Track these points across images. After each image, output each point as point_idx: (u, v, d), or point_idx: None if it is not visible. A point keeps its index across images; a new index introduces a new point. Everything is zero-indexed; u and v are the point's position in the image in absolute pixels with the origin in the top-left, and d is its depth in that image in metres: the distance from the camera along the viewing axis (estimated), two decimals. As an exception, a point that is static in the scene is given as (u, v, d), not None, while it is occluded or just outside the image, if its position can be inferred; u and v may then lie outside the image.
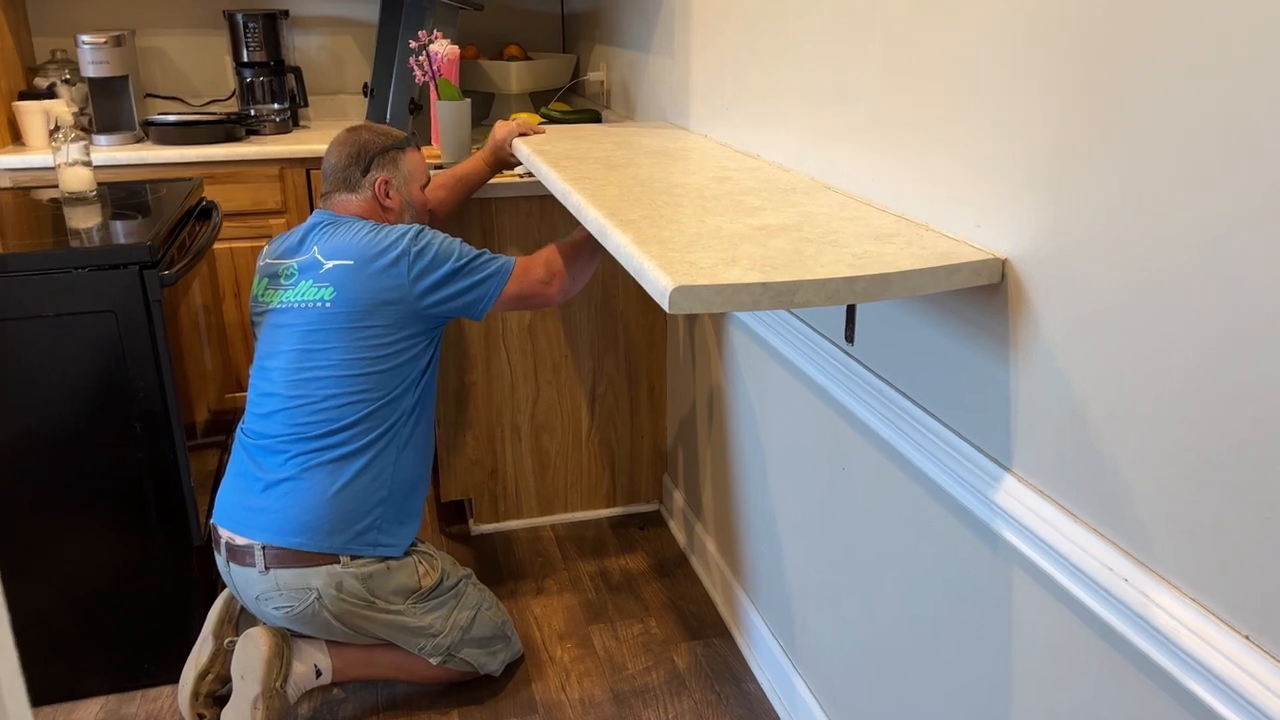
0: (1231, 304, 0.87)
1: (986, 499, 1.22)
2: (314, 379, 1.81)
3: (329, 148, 1.97)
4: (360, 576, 1.81)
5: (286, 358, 1.83)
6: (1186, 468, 0.93)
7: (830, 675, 1.76)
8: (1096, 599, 1.05)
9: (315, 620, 1.82)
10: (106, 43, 2.91)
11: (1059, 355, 1.09)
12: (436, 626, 1.91)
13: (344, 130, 1.99)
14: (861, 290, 1.12)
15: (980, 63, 1.18)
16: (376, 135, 1.96)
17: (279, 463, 1.81)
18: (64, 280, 1.81)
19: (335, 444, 1.80)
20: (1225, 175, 0.86)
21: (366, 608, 1.83)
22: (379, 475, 1.84)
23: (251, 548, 1.79)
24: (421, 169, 2.01)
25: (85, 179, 2.22)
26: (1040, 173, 1.09)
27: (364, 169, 1.93)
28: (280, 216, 2.95)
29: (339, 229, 1.87)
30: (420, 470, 1.93)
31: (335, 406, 1.80)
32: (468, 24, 3.39)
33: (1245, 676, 0.88)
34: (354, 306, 1.80)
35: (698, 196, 1.51)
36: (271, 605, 1.81)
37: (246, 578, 1.82)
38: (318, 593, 1.79)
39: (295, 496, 1.79)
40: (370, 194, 1.94)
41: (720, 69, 2.06)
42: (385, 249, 1.81)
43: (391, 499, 1.86)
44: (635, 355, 2.56)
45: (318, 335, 1.81)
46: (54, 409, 1.85)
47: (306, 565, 1.79)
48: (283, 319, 1.85)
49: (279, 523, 1.79)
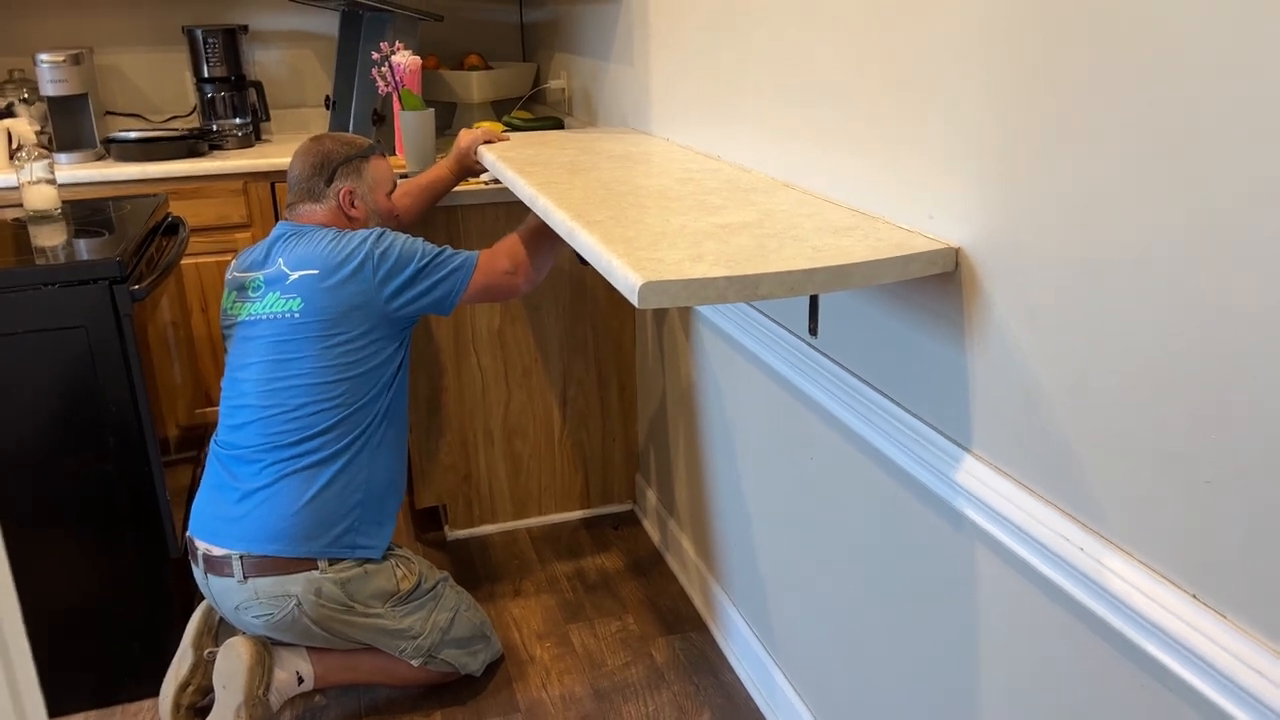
0: (1170, 289, 0.92)
1: (948, 479, 1.27)
2: (286, 388, 1.82)
3: (292, 159, 1.98)
4: (339, 581, 1.83)
5: (258, 369, 1.85)
6: (1133, 441, 0.99)
7: (805, 660, 1.80)
8: (1053, 568, 1.10)
9: (295, 627, 1.84)
10: (65, 61, 2.91)
11: (1012, 339, 1.15)
12: (416, 628, 1.93)
13: (307, 140, 2.00)
14: (821, 281, 1.16)
15: (931, 64, 1.23)
16: (340, 145, 1.98)
17: (254, 472, 1.83)
18: (33, 297, 1.81)
19: (309, 450, 1.82)
20: (1165, 166, 0.92)
21: (346, 612, 1.85)
22: (354, 479, 1.86)
23: (229, 558, 1.81)
24: (387, 176, 2.03)
25: (50, 197, 2.22)
26: (989, 166, 1.14)
27: (327, 179, 1.94)
28: (245, 230, 2.95)
29: (302, 239, 1.88)
30: (395, 472, 1.95)
31: (309, 414, 1.82)
32: (428, 35, 3.41)
33: (1193, 632, 0.93)
34: (322, 315, 1.82)
35: (661, 197, 1.55)
36: (251, 614, 1.83)
37: (225, 588, 1.83)
38: (297, 599, 1.81)
39: (271, 504, 1.81)
40: (335, 204, 1.95)
41: (679, 74, 2.10)
42: (348, 256, 1.83)
43: (368, 501, 1.88)
44: (605, 357, 2.60)
45: (288, 345, 1.83)
46: (27, 425, 1.86)
47: (285, 572, 1.81)
48: (252, 331, 1.87)
49: (255, 531, 1.80)
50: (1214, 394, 0.89)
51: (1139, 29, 0.92)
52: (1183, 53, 0.88)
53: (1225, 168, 0.85)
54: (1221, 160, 0.85)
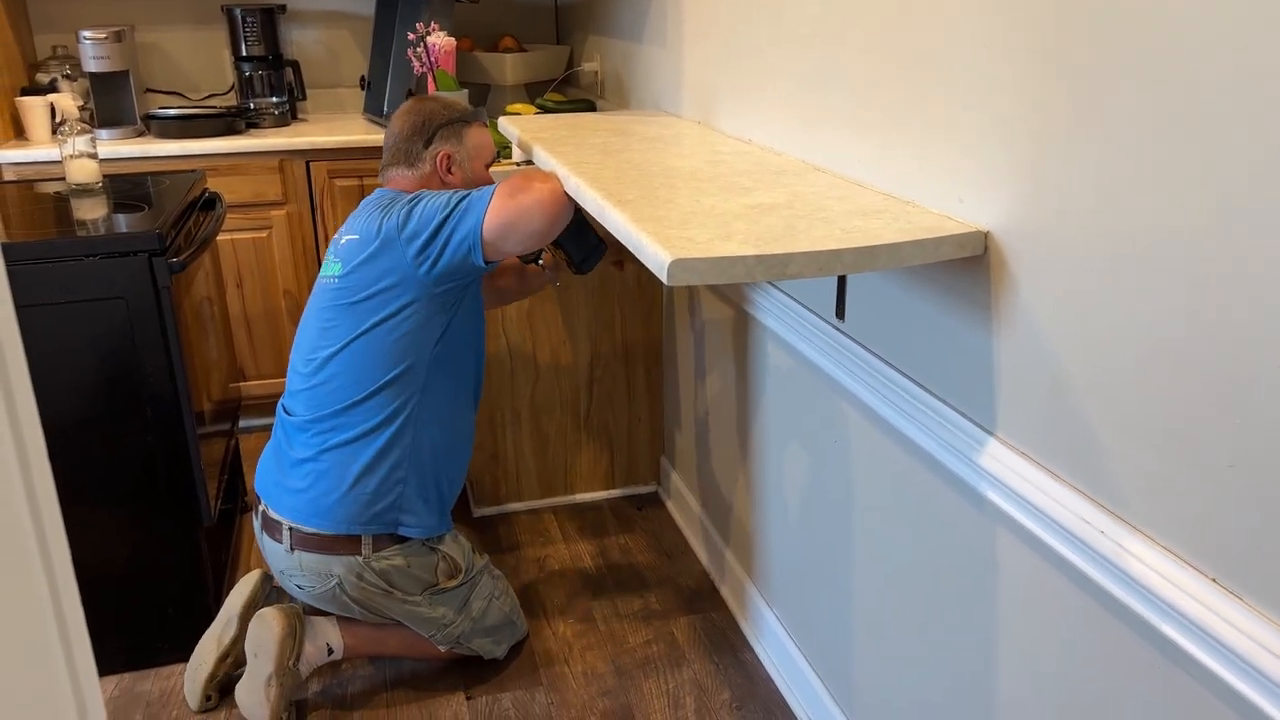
0: (1196, 277, 0.92)
1: (972, 463, 1.28)
2: (325, 358, 1.83)
3: (392, 118, 1.91)
4: (381, 571, 1.85)
5: (309, 335, 1.87)
6: (1156, 426, 0.99)
7: (824, 641, 1.82)
8: (1075, 551, 1.10)
9: (335, 602, 1.88)
10: (107, 38, 2.95)
11: (1038, 323, 1.15)
12: (449, 618, 1.94)
13: (410, 100, 1.93)
14: (850, 262, 1.17)
15: (961, 48, 1.23)
16: (442, 106, 1.90)
17: (301, 441, 1.86)
18: (75, 268, 1.85)
19: (348, 424, 1.82)
20: (1193, 154, 0.92)
21: (385, 595, 1.87)
22: (399, 456, 1.83)
23: (281, 525, 1.85)
24: (488, 146, 1.94)
25: (91, 171, 2.26)
26: (1018, 151, 1.15)
27: (426, 140, 1.87)
28: (280, 208, 2.99)
29: (374, 206, 1.83)
30: (445, 448, 1.90)
31: (344, 385, 1.82)
32: (462, 16, 3.43)
33: (1213, 616, 0.93)
34: (354, 281, 1.79)
35: (692, 178, 1.56)
36: (294, 582, 1.88)
37: (275, 551, 1.87)
38: (339, 579, 1.84)
39: (316, 479, 1.83)
40: (431, 168, 1.88)
41: (712, 58, 2.11)
42: (385, 220, 1.77)
43: (412, 479, 1.85)
44: (632, 338, 2.61)
45: (329, 313, 1.83)
46: (68, 394, 1.90)
47: (329, 552, 1.83)
48: (314, 296, 1.89)
49: (303, 506, 1.83)
50: (1234, 379, 0.89)
51: (1165, 14, 0.92)
52: (1207, 38, 0.88)
53: (1248, 154, 0.85)
54: (1252, 149, 0.85)
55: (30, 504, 0.50)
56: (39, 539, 0.51)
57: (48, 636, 0.52)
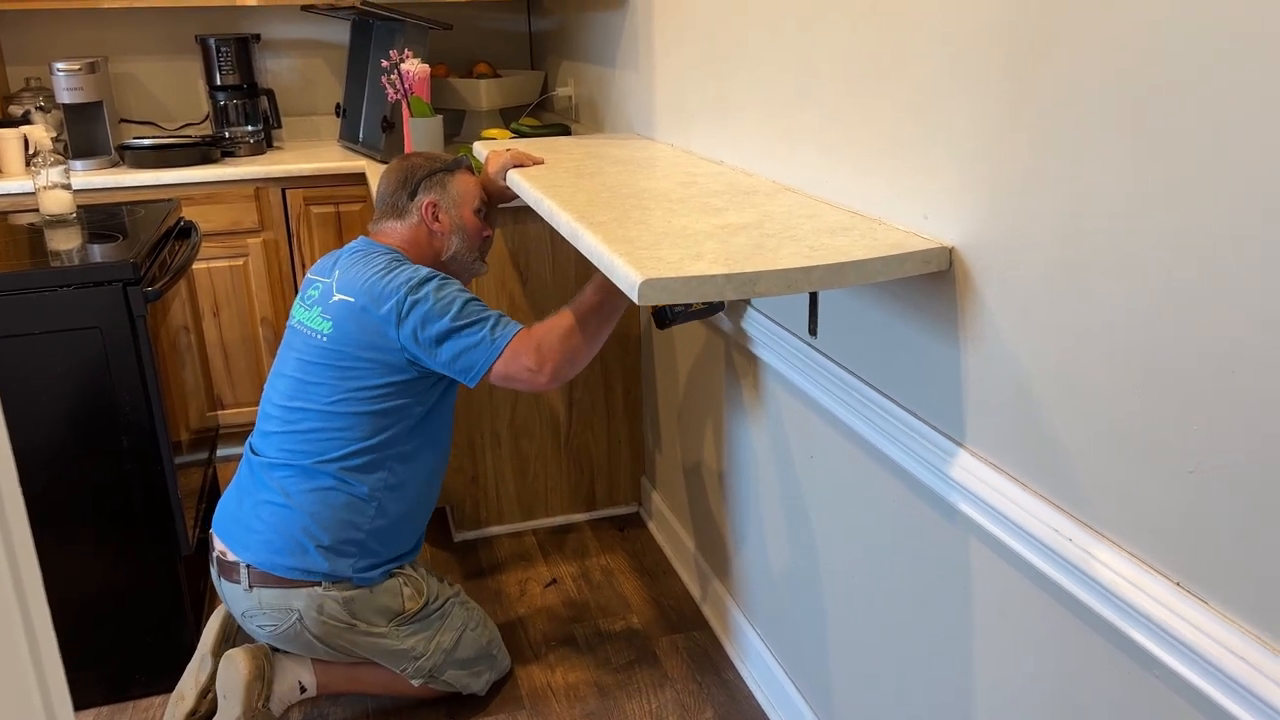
0: (1154, 285, 0.95)
1: (943, 474, 1.29)
2: (303, 410, 1.82)
3: (380, 178, 1.98)
4: (342, 600, 1.83)
5: (286, 382, 1.86)
6: (1118, 434, 1.01)
7: (805, 657, 1.83)
8: (1044, 559, 1.12)
9: (298, 640, 1.85)
10: (81, 69, 2.96)
11: (1003, 335, 1.17)
12: (419, 649, 1.91)
13: (395, 159, 2.01)
14: (818, 279, 1.19)
15: (924, 70, 1.26)
16: (425, 160, 1.98)
17: (269, 483, 1.84)
18: (49, 299, 1.85)
19: (323, 474, 1.82)
20: (1149, 166, 0.94)
21: (349, 630, 1.85)
22: (362, 511, 1.83)
23: (237, 565, 1.83)
24: (473, 191, 1.98)
25: (65, 202, 2.26)
26: (980, 168, 1.17)
27: (411, 193, 1.93)
28: (257, 235, 3.00)
29: (364, 260, 1.85)
30: (408, 512, 1.91)
31: (321, 440, 1.81)
32: (437, 43, 3.46)
33: (1177, 619, 0.95)
34: (344, 346, 1.80)
35: (664, 200, 1.58)
36: (256, 623, 1.85)
37: (233, 593, 1.85)
38: (299, 614, 1.82)
39: (278, 519, 1.81)
40: (418, 218, 1.93)
41: (683, 81, 2.13)
42: (384, 294, 1.77)
43: (378, 532, 1.85)
44: (611, 360, 2.63)
45: (312, 369, 1.82)
46: (43, 424, 1.89)
47: (288, 586, 1.82)
48: (294, 340, 1.88)
49: (262, 545, 1.81)
50: (1196, 387, 0.92)
51: (1120, 35, 0.95)
52: (1163, 55, 0.90)
53: (1207, 167, 0.88)
54: (1203, 160, 0.88)
55: (3, 534, 0.50)
56: (11, 570, 0.51)
57: (22, 671, 0.52)
